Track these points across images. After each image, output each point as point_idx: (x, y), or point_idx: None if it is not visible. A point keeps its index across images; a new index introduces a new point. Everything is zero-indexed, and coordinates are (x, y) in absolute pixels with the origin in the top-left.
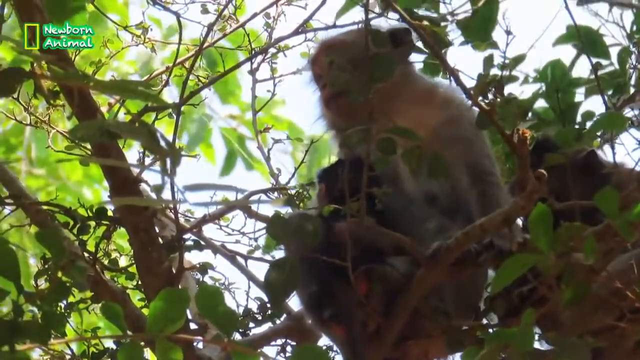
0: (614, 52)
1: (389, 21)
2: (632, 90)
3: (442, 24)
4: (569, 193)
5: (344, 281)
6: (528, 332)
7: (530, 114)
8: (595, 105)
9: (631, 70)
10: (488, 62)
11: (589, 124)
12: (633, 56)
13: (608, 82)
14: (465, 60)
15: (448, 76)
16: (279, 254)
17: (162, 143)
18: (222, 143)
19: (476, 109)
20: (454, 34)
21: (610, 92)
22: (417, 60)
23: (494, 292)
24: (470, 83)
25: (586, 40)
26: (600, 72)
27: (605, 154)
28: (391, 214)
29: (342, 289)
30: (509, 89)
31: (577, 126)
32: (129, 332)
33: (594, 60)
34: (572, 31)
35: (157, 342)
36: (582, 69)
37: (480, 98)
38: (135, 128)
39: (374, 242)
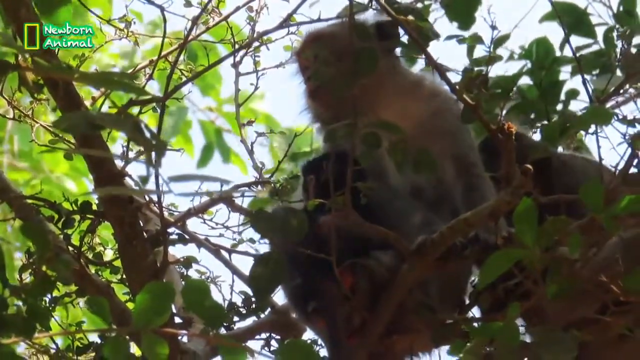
0: (599, 31)
1: (376, 13)
2: (618, 72)
3: (427, 1)
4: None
5: (329, 275)
6: (513, 326)
7: (515, 92)
8: (580, 84)
9: (617, 51)
10: (471, 50)
11: (573, 103)
12: (618, 37)
13: (592, 62)
14: (450, 54)
15: (432, 70)
16: (264, 247)
17: (147, 135)
18: (200, 135)
19: (461, 103)
20: (439, 22)
21: (596, 72)
22: (399, 53)
23: (480, 286)
24: (455, 77)
25: (571, 18)
26: (585, 51)
27: (589, 149)
28: (376, 208)
29: (327, 283)
30: (495, 68)
31: (560, 105)
32: (114, 326)
33: (580, 39)
34: (559, 8)
35: (142, 336)
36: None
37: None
38: (120, 119)
39: (359, 236)
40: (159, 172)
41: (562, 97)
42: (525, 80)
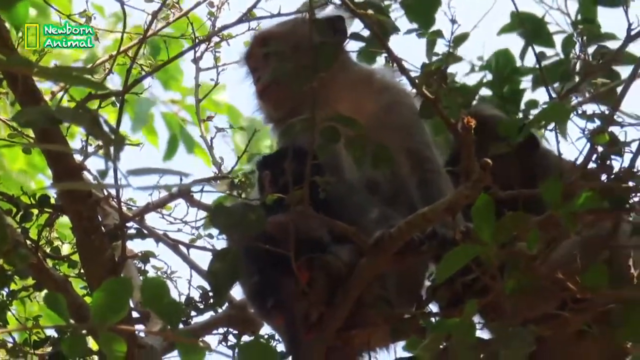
0: (558, 40)
1: (324, 9)
2: (577, 79)
3: (387, 2)
4: (511, 179)
5: (286, 271)
6: (470, 322)
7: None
8: (542, 95)
9: (575, 59)
10: (431, 45)
11: (533, 113)
12: (577, 45)
13: (553, 71)
14: (410, 48)
15: (392, 64)
16: (222, 243)
17: (106, 129)
18: (164, 128)
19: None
20: (399, 18)
21: (556, 84)
22: (354, 48)
23: (438, 282)
24: (414, 72)
25: (531, 28)
26: (545, 62)
27: (550, 143)
28: (334, 203)
29: (284, 278)
30: (454, 68)
31: (520, 115)
32: (72, 321)
33: (539, 48)
34: (516, 19)
35: (100, 332)
36: (531, 57)
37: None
38: (79, 114)
39: (317, 231)
40: (117, 166)
41: (522, 106)
42: (486, 92)
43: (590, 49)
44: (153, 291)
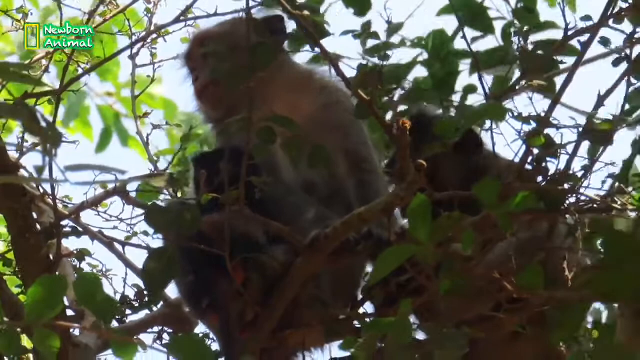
0: (498, 26)
1: (263, 9)
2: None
3: None
4: (447, 175)
5: (221, 271)
6: (405, 322)
7: (407, 84)
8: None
9: (515, 48)
10: (365, 27)
11: (470, 98)
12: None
13: (491, 57)
14: (344, 44)
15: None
16: (157, 241)
17: (43, 124)
18: (98, 120)
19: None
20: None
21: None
22: (292, 49)
23: (372, 282)
24: (350, 72)
25: (468, 12)
26: (483, 48)
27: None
28: (270, 203)
29: (219, 278)
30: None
31: (457, 99)
32: (6, 319)
33: (477, 33)
34: (455, 2)
35: (34, 330)
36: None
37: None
38: (16, 109)
39: (252, 231)
40: (53, 162)
41: (461, 91)
42: (420, 72)
43: (531, 38)
44: (87, 288)
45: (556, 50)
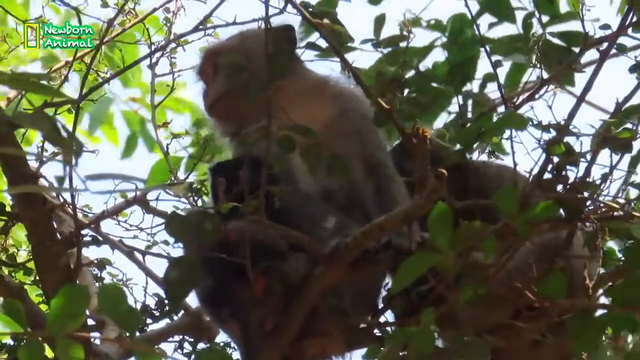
0: (519, 16)
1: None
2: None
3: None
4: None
5: (242, 279)
6: (428, 332)
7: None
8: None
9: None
10: (379, 21)
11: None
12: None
13: (507, 45)
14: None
15: (348, 73)
16: (178, 250)
17: (64, 134)
18: (124, 125)
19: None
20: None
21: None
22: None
23: (393, 292)
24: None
25: None
26: (503, 35)
27: (506, 152)
28: (288, 213)
29: (240, 287)
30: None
31: (478, 84)
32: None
33: (498, 21)
34: None
35: (57, 341)
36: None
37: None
38: (37, 118)
39: (274, 239)
40: (73, 172)
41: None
42: (436, 57)
43: (550, 29)
44: (110, 298)
45: (568, 66)
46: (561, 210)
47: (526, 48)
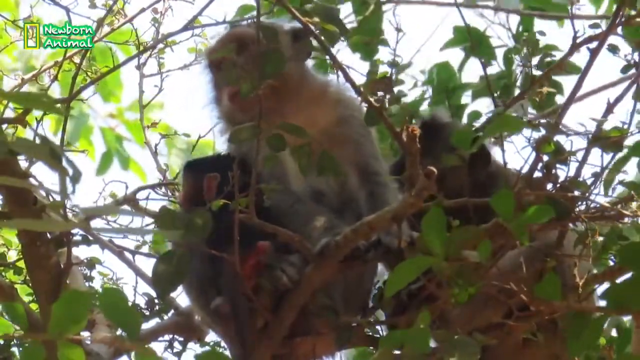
0: (499, 53)
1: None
2: (517, 92)
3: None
4: (455, 184)
5: (235, 275)
6: (424, 333)
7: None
8: (481, 107)
9: (518, 72)
10: (374, 67)
11: (476, 124)
12: (518, 58)
13: (495, 83)
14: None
15: (336, 72)
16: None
17: (64, 162)
18: (101, 141)
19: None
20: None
21: (497, 94)
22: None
23: (387, 294)
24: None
25: (473, 41)
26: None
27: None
28: (278, 212)
29: (231, 284)
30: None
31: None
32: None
33: (479, 63)
34: (460, 34)
35: (59, 344)
36: (469, 72)
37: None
38: (37, 146)
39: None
40: (64, 177)
41: (465, 119)
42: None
43: (534, 60)
44: (111, 301)
45: (557, 66)
46: None
47: (510, 83)
